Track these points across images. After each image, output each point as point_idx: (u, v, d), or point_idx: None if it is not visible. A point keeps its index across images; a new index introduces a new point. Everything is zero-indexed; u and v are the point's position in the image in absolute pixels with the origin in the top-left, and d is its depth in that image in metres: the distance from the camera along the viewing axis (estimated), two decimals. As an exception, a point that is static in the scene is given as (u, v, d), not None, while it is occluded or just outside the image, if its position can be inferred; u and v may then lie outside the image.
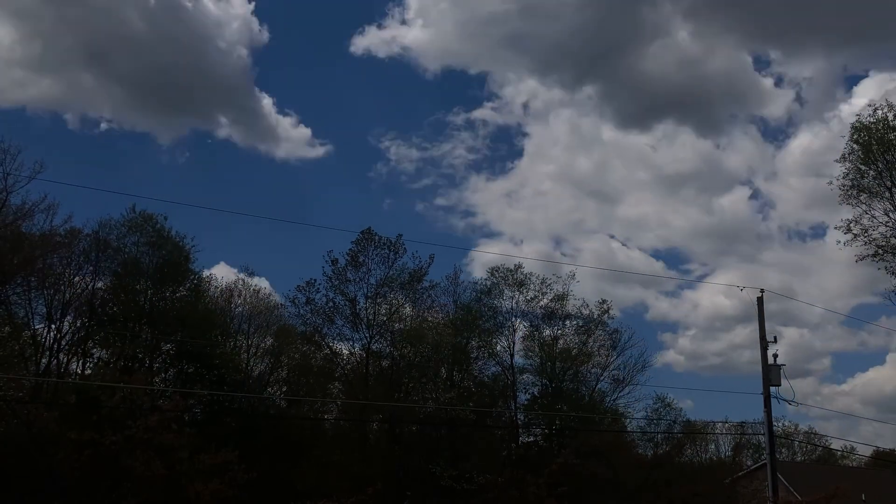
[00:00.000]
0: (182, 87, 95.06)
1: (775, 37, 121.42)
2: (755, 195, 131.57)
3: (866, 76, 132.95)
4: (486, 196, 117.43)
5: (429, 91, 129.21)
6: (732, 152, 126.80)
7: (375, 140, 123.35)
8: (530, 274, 52.93)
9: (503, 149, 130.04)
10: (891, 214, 39.19)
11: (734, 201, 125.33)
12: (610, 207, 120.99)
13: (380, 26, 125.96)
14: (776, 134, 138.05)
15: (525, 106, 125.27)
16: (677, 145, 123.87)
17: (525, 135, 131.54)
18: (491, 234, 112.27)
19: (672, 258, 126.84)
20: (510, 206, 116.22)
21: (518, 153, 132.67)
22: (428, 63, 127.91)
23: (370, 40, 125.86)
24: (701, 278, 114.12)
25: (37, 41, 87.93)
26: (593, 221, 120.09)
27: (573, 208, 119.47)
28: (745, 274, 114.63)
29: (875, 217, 39.72)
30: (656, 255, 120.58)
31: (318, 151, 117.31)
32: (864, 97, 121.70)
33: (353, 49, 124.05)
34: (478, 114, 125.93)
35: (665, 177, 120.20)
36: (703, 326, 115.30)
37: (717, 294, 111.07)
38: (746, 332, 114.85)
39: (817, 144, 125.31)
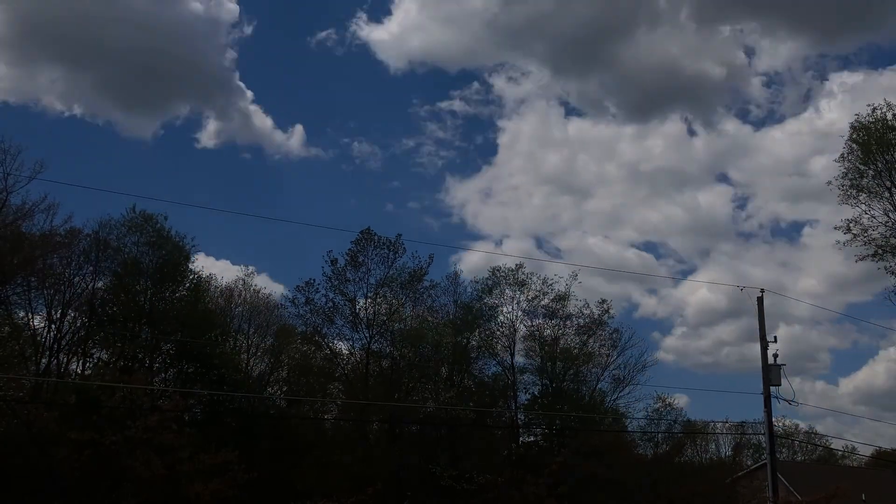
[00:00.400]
0: (156, 76, 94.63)
1: (764, 28, 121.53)
2: (736, 189, 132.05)
3: (854, 70, 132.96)
4: (472, 192, 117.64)
5: (408, 85, 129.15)
6: (714, 146, 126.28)
7: (352, 135, 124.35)
8: (531, 273, 53.06)
9: (480, 141, 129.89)
10: (890, 214, 39.28)
11: (715, 195, 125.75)
12: (590, 203, 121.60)
13: (362, 19, 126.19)
14: (761, 128, 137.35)
15: (503, 98, 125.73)
16: (657, 139, 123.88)
17: (501, 129, 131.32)
18: (473, 232, 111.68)
19: (657, 254, 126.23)
20: (489, 202, 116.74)
21: (498, 147, 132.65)
22: (412, 56, 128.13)
23: (356, 33, 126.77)
24: (684, 274, 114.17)
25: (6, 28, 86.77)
26: (574, 217, 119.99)
27: (552, 205, 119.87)
28: (726, 270, 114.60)
29: (875, 217, 39.82)
30: (645, 250, 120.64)
31: (312, 152, 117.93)
32: (853, 92, 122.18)
33: (339, 42, 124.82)
34: (458, 107, 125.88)
35: (644, 171, 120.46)
36: (690, 324, 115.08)
37: (702, 291, 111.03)
38: (731, 329, 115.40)
39: (801, 140, 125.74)
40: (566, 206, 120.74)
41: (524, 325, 52.65)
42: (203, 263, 79.30)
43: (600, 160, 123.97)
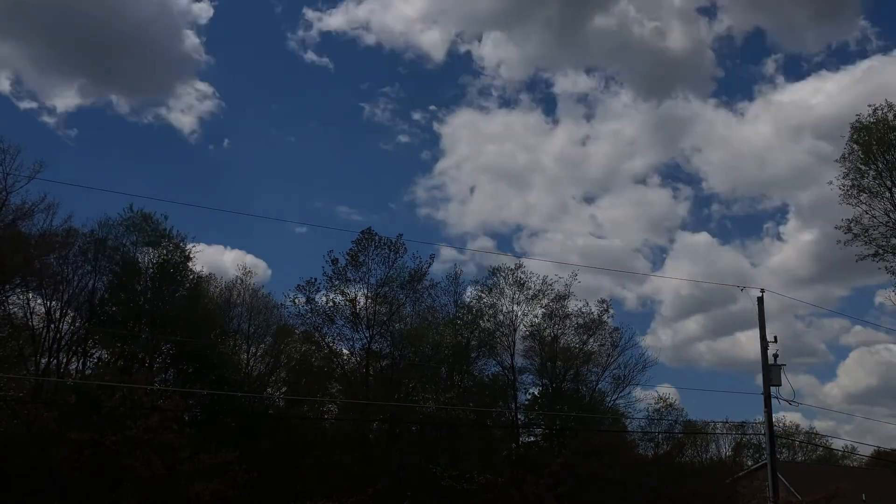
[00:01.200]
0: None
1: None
2: (690, 182, 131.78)
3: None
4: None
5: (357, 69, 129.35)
6: (677, 134, 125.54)
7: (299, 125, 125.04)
8: (531, 273, 53.01)
9: (428, 137, 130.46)
10: (891, 214, 39.27)
11: (671, 188, 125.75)
12: (546, 196, 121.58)
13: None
14: (723, 111, 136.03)
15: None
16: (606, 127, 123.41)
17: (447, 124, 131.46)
18: (428, 229, 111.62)
19: (623, 247, 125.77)
20: (443, 197, 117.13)
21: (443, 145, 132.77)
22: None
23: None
24: (654, 267, 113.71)
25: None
26: (532, 212, 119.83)
27: (505, 200, 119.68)
28: (692, 264, 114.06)
29: (875, 217, 39.81)
30: (614, 243, 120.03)
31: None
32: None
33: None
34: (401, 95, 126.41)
35: (594, 164, 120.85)
36: (664, 319, 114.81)
37: (668, 285, 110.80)
38: (699, 324, 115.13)
39: (767, 130, 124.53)
40: (526, 198, 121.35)
41: (524, 324, 52.66)
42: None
43: (536, 152, 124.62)
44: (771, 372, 32.33)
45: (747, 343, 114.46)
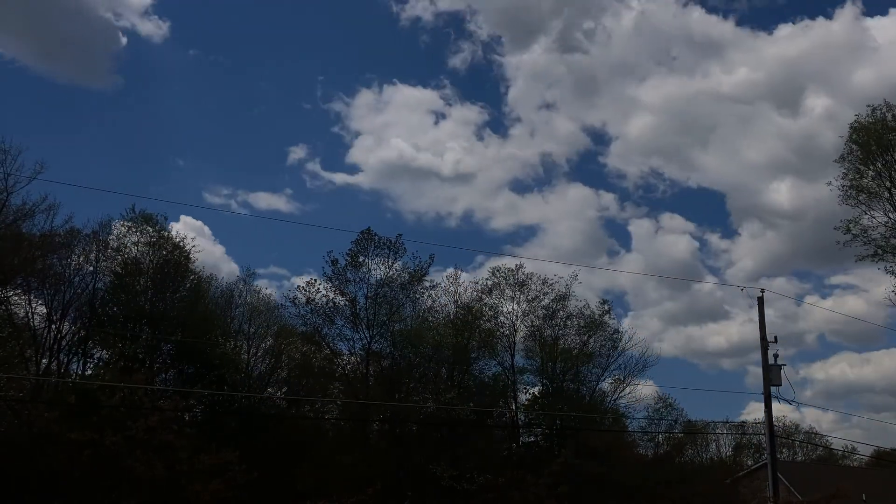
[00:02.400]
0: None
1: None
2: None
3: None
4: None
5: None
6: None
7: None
8: (531, 274, 53.01)
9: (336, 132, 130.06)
10: (890, 214, 39.24)
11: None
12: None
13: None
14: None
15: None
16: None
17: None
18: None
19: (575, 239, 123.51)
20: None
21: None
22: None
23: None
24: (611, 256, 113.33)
25: None
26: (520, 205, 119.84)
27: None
28: (645, 250, 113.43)
29: (874, 217, 39.79)
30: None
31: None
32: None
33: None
34: None
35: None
36: (624, 312, 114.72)
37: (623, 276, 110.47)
38: (666, 317, 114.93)
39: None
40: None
41: (524, 325, 52.69)
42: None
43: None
44: (771, 372, 32.36)
45: (710, 334, 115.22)
